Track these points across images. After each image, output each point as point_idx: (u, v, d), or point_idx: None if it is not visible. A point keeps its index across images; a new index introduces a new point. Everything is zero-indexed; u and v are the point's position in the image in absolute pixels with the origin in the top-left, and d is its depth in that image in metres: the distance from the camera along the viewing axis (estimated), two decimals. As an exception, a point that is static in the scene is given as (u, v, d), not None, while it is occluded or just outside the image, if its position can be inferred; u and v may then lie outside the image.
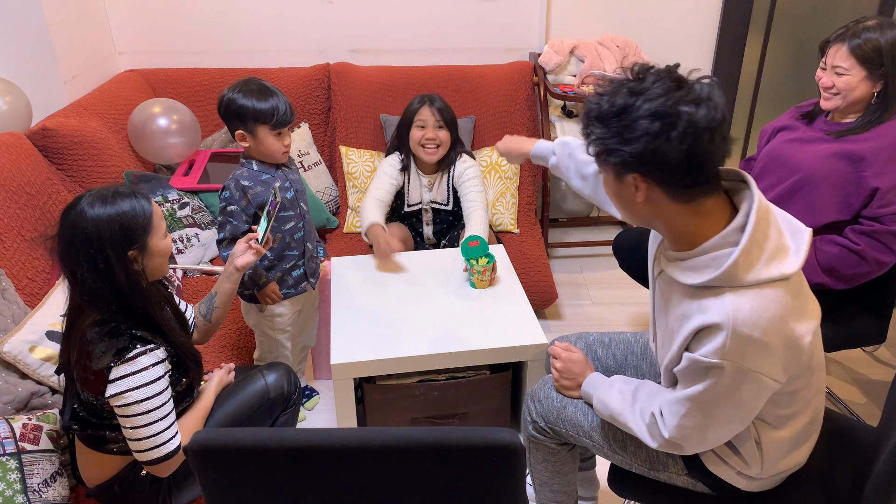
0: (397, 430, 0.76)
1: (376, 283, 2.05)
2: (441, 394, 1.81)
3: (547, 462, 1.55)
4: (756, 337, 1.07)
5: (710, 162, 1.07)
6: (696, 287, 1.14)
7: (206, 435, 0.77)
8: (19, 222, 1.92)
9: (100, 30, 2.88)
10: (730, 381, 1.10)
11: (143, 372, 1.30)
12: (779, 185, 1.89)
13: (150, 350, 1.32)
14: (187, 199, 2.48)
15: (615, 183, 1.15)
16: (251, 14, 2.97)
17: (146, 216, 1.33)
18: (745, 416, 1.18)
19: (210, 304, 1.64)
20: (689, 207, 1.12)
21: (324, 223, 2.78)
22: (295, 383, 1.65)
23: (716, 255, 1.11)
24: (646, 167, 1.08)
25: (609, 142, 1.09)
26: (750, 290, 1.08)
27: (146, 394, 1.31)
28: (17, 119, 2.22)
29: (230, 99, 1.76)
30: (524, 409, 1.56)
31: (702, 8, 3.07)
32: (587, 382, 1.43)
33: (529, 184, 2.93)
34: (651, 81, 1.06)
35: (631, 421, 1.29)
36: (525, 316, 1.87)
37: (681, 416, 1.19)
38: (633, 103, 1.06)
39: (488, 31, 3.05)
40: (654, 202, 1.12)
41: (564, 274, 3.01)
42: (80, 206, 1.30)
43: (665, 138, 1.04)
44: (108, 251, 1.28)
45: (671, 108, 1.03)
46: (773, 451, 1.26)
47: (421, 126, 2.35)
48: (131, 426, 1.33)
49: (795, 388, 1.20)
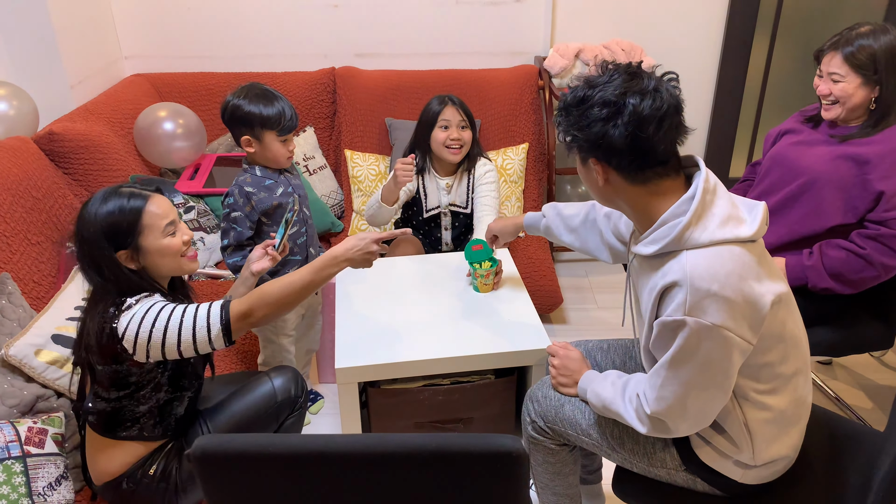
0: (400, 436, 0.76)
1: (381, 287, 2.05)
2: (446, 398, 1.80)
3: (547, 463, 1.55)
4: (714, 290, 1.11)
5: (656, 146, 1.16)
6: (658, 257, 1.21)
7: (208, 441, 0.77)
8: (25, 226, 1.93)
9: (106, 34, 2.89)
10: (695, 338, 1.14)
11: (145, 307, 1.35)
12: (784, 187, 1.89)
13: (146, 297, 1.37)
14: (193, 203, 2.48)
15: (582, 167, 1.27)
16: (257, 18, 2.98)
17: (132, 217, 1.34)
18: (720, 380, 1.19)
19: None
20: (646, 188, 1.21)
21: (329, 227, 2.79)
22: (302, 387, 1.65)
23: (671, 224, 1.18)
24: (599, 151, 1.19)
25: (571, 130, 1.21)
26: (706, 249, 1.15)
27: (154, 313, 1.34)
28: (24, 123, 2.23)
29: (236, 105, 1.76)
30: (524, 410, 1.56)
31: (707, 11, 3.07)
32: (583, 378, 1.45)
33: (535, 187, 2.93)
34: (609, 75, 1.18)
35: (622, 408, 1.31)
36: (530, 321, 1.86)
37: (657, 386, 1.22)
38: (590, 94, 1.17)
39: (493, 34, 3.05)
40: (613, 184, 1.23)
41: (570, 278, 3.01)
42: (85, 205, 1.36)
43: (612, 125, 1.15)
44: (95, 251, 1.34)
45: (618, 98, 1.14)
46: (761, 432, 1.26)
47: (444, 126, 2.28)
48: (170, 344, 1.35)
49: (769, 361, 1.22)
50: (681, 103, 1.18)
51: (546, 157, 2.96)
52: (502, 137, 2.92)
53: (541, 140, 2.96)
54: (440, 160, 2.36)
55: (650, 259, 1.23)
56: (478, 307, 1.93)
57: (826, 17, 3.39)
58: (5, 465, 1.39)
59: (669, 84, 1.18)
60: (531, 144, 2.91)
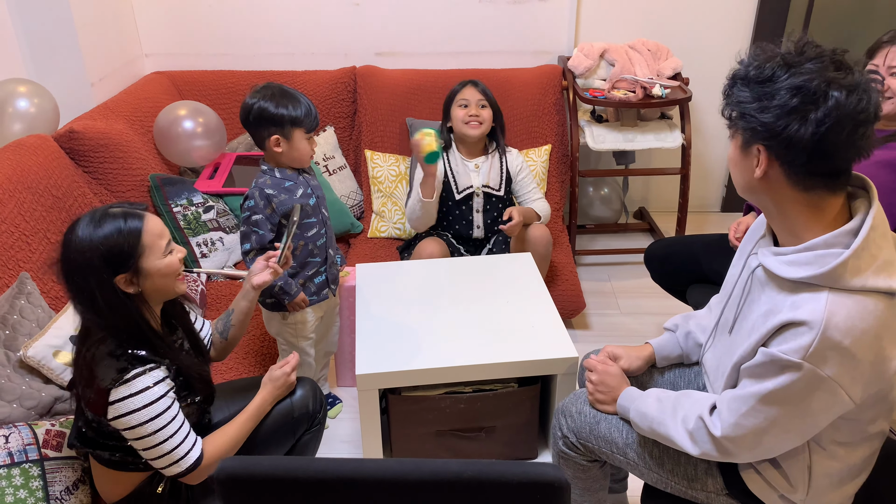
0: (434, 462, 0.71)
1: (402, 291, 2.01)
2: (467, 406, 1.76)
3: (577, 479, 1.50)
4: (845, 345, 1.01)
5: (839, 154, 1.03)
6: (794, 282, 1.08)
7: (232, 463, 0.74)
8: (45, 225, 1.92)
9: (127, 32, 2.88)
10: (804, 385, 1.04)
11: (141, 394, 1.27)
12: None
13: (149, 370, 1.28)
14: (212, 203, 2.46)
15: (740, 152, 1.12)
16: (277, 16, 2.95)
17: (132, 239, 1.27)
18: (807, 429, 1.11)
19: (227, 321, 1.61)
20: (807, 197, 1.08)
21: (348, 228, 2.75)
22: (320, 401, 1.60)
23: (823, 254, 1.05)
24: (772, 140, 1.04)
25: (746, 106, 1.06)
26: (852, 296, 1.03)
27: (148, 415, 1.27)
28: (45, 121, 2.22)
29: (262, 107, 1.74)
30: (554, 424, 1.51)
31: (736, 10, 3.00)
32: (623, 396, 1.38)
33: (557, 190, 2.88)
34: (808, 57, 1.02)
35: (672, 428, 1.23)
36: (555, 328, 1.82)
37: (741, 413, 1.12)
38: (780, 74, 1.02)
39: (516, 34, 3.00)
40: (771, 181, 1.09)
41: (592, 282, 2.95)
42: (71, 231, 1.27)
43: (800, 116, 1.00)
44: (91, 279, 1.25)
45: (819, 87, 0.99)
46: (822, 480, 1.20)
47: (463, 104, 2.35)
48: (142, 447, 1.30)
49: (862, 418, 1.14)
50: (879, 111, 1.03)
51: (569, 158, 2.91)
52: (525, 138, 2.87)
53: (564, 141, 2.91)
54: (463, 141, 2.42)
55: (784, 280, 1.10)
56: (502, 313, 1.89)
57: (858, 17, 3.31)
58: (23, 469, 1.38)
59: (874, 85, 1.03)
60: (554, 146, 2.86)
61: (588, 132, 2.81)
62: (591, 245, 3.20)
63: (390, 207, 2.77)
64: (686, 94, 2.72)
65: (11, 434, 1.40)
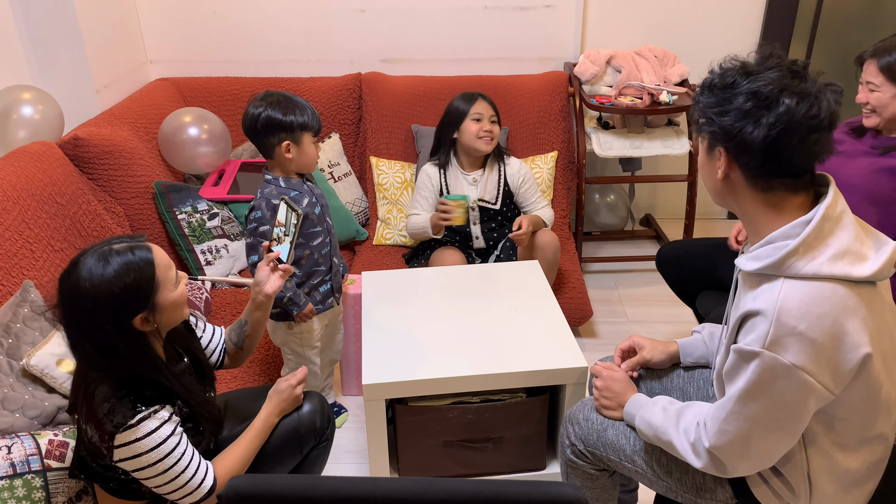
0: (451, 482, 0.69)
1: (408, 300, 1.99)
2: (475, 417, 1.74)
3: (586, 489, 1.48)
4: (800, 329, 1.03)
5: (793, 158, 1.07)
6: (756, 276, 1.12)
7: (242, 482, 0.72)
8: (49, 232, 1.90)
9: (132, 39, 2.88)
10: (769, 374, 1.06)
11: (148, 437, 1.22)
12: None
13: (154, 412, 1.23)
14: (217, 210, 2.45)
15: (705, 154, 1.18)
16: (283, 23, 2.95)
17: (149, 275, 1.19)
18: (790, 425, 1.10)
19: (241, 332, 1.58)
20: (766, 197, 1.12)
21: (353, 235, 2.74)
22: (328, 417, 1.56)
23: (777, 245, 1.09)
24: (730, 143, 1.09)
25: (708, 111, 1.12)
26: (806, 283, 1.06)
27: (157, 456, 1.23)
28: (49, 128, 2.21)
29: (270, 115, 1.73)
30: (562, 433, 1.49)
31: (743, 17, 2.98)
32: (630, 403, 1.37)
33: (563, 197, 2.86)
34: (768, 66, 1.08)
35: (675, 439, 1.23)
36: (563, 337, 1.80)
37: (721, 419, 1.14)
38: (741, 81, 1.08)
39: (522, 40, 2.99)
40: (732, 182, 1.14)
41: (598, 290, 2.93)
42: (75, 275, 1.16)
43: (753, 120, 1.05)
44: (106, 325, 1.17)
45: (772, 93, 1.05)
46: (825, 487, 1.18)
47: (477, 119, 2.33)
48: (154, 486, 1.27)
49: (849, 418, 1.13)
50: (836, 119, 1.07)
51: (576, 165, 2.89)
52: (530, 145, 2.85)
53: (570, 148, 2.89)
54: (468, 154, 2.41)
55: (750, 276, 1.15)
56: (509, 322, 1.86)
57: (865, 23, 3.29)
58: (25, 480, 1.36)
59: (832, 95, 1.07)
60: (560, 153, 2.85)
61: (595, 139, 2.79)
62: (597, 252, 3.17)
63: (396, 214, 2.75)
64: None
65: (14, 444, 1.38)
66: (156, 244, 1.27)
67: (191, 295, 2.14)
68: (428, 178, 2.43)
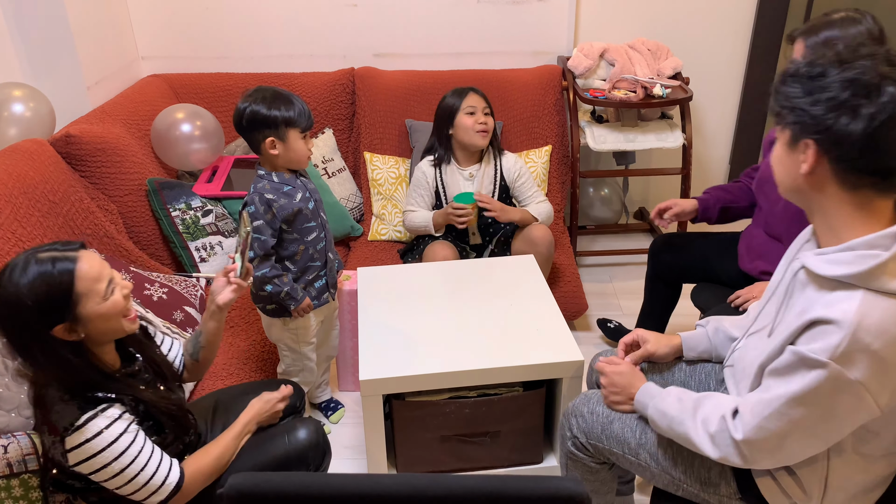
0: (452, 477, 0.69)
1: (404, 295, 1.99)
2: (472, 411, 1.74)
3: (586, 482, 1.48)
4: (874, 348, 0.99)
5: (892, 152, 1.00)
6: (830, 281, 1.06)
7: (243, 480, 0.71)
8: (42, 231, 1.89)
9: (123, 35, 2.85)
10: (830, 386, 1.02)
11: (98, 437, 1.20)
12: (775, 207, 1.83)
13: (102, 411, 1.21)
14: (210, 207, 2.44)
15: (787, 148, 1.10)
16: (275, 19, 2.93)
17: (64, 288, 1.15)
18: (831, 435, 1.09)
19: (196, 343, 1.53)
20: (852, 197, 1.05)
21: (348, 231, 2.73)
22: (323, 451, 1.51)
23: (863, 254, 1.03)
24: (822, 134, 1.03)
25: (796, 100, 1.05)
26: (887, 299, 1.01)
27: (111, 455, 1.21)
28: (41, 126, 2.19)
29: (254, 110, 1.72)
30: (562, 425, 1.49)
31: (735, 10, 2.98)
32: (642, 392, 1.35)
33: (558, 191, 2.86)
34: (860, 55, 1.02)
35: (691, 429, 1.21)
36: (560, 331, 1.80)
37: (764, 416, 1.10)
38: (832, 70, 1.02)
39: (516, 34, 2.98)
40: (818, 177, 1.07)
41: (593, 283, 2.94)
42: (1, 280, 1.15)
43: (851, 110, 0.99)
44: (25, 333, 1.15)
45: (872, 80, 0.98)
46: (837, 492, 1.18)
47: (471, 112, 2.33)
48: (115, 487, 1.24)
49: (887, 433, 1.12)
50: None
51: (570, 159, 2.89)
52: (525, 139, 2.85)
53: (564, 142, 2.89)
54: (465, 149, 2.40)
55: (820, 279, 1.09)
56: (506, 317, 1.87)
57: (857, 16, 3.29)
58: (22, 479, 1.35)
59: None
60: (554, 147, 2.85)
61: (588, 132, 2.79)
62: (591, 246, 3.18)
63: (390, 210, 2.75)
64: (687, 94, 2.71)
65: (10, 444, 1.37)
66: (90, 251, 1.24)
67: (185, 293, 2.13)
68: (424, 176, 2.43)
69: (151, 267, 2.27)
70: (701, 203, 2.09)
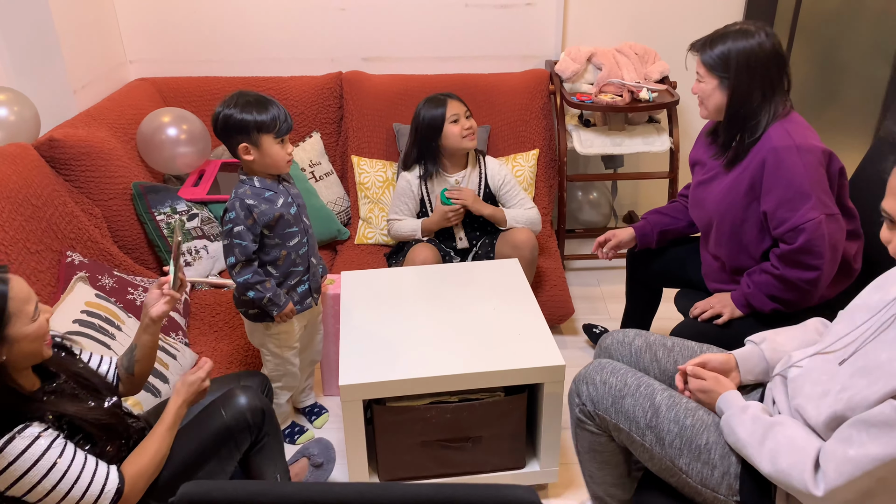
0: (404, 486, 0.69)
1: (386, 299, 1.99)
2: (454, 416, 1.74)
3: (594, 452, 1.49)
4: None
5: None
6: None
7: (195, 487, 0.71)
8: (25, 234, 1.89)
9: (110, 38, 2.85)
10: None
11: (19, 459, 1.16)
12: (707, 230, 1.88)
13: (19, 432, 1.17)
14: (196, 210, 2.44)
15: None
16: (262, 22, 2.93)
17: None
18: None
19: (131, 357, 1.50)
20: None
21: (335, 235, 2.73)
22: (263, 411, 1.48)
23: None
24: None
25: None
26: None
27: (39, 474, 1.17)
28: (25, 130, 2.19)
29: (228, 114, 1.71)
30: (571, 390, 1.48)
31: (723, 15, 2.99)
32: (722, 399, 1.32)
33: (545, 194, 2.86)
34: None
35: (756, 458, 1.19)
36: (542, 336, 1.80)
37: (853, 478, 1.04)
38: None
39: (503, 38, 2.99)
40: None
41: (581, 287, 2.94)
42: None
43: None
44: None
45: None
46: None
47: (455, 120, 2.32)
48: (53, 503, 1.20)
49: None
50: None
51: (557, 163, 2.89)
52: (512, 143, 2.86)
53: (551, 146, 2.90)
54: (453, 156, 2.40)
55: None
56: (487, 321, 1.87)
57: (845, 20, 3.31)
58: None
59: None
60: (542, 150, 2.85)
61: (576, 136, 2.80)
62: (579, 249, 3.18)
63: (377, 214, 2.75)
64: (674, 98, 2.71)
65: None
66: (18, 276, 1.22)
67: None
68: (408, 185, 2.42)
69: (136, 271, 2.26)
70: (638, 231, 2.09)
